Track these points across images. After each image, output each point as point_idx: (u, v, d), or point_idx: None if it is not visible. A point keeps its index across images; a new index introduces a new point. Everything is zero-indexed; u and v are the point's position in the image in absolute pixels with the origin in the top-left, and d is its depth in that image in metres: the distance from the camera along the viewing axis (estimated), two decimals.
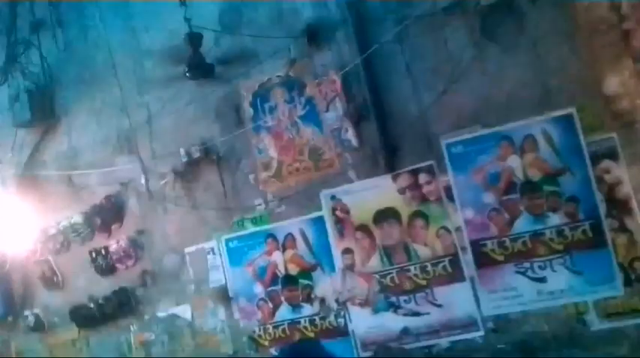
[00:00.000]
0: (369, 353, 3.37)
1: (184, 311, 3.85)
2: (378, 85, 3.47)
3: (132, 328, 4.04)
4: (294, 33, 3.63)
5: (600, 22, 3.07)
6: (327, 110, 3.57)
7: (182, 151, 3.81)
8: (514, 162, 3.13)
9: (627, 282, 2.96)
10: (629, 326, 2.95)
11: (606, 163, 3.03)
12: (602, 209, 2.99)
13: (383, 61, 3.47)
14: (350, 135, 3.47)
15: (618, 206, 3.00)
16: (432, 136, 3.33)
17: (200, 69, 3.66)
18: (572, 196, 3.03)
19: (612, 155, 3.00)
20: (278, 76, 3.69)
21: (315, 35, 3.60)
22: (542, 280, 3.06)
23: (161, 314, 3.94)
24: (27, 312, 4.36)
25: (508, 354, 3.10)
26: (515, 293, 3.10)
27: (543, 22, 3.17)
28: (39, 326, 4.32)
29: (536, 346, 3.08)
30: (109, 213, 4.11)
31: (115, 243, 4.08)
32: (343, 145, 3.51)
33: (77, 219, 4.18)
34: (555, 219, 3.05)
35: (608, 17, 3.07)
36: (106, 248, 4.09)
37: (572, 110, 3.06)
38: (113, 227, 4.12)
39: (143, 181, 3.93)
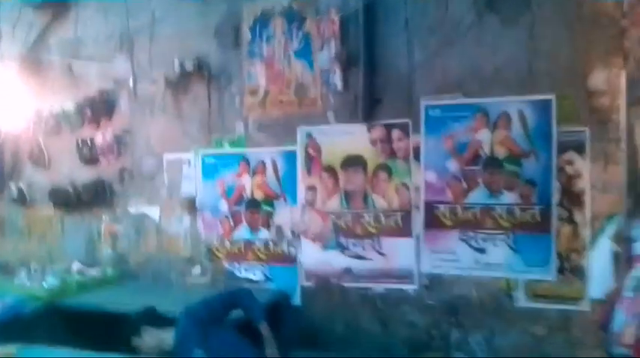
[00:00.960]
0: (310, 283, 3.62)
1: (154, 212, 4.08)
2: (374, 34, 3.48)
3: (103, 218, 4.29)
4: None
5: (603, 15, 3.04)
6: (322, 49, 3.60)
7: (176, 62, 3.88)
8: (484, 136, 3.21)
9: (561, 270, 3.12)
10: (552, 310, 3.14)
11: (571, 155, 3.10)
12: (556, 197, 3.10)
13: (384, 11, 3.46)
14: (337, 78, 3.51)
15: (571, 198, 3.10)
16: (414, 95, 3.38)
17: None
18: (530, 179, 3.13)
19: (579, 148, 3.07)
20: (281, 6, 3.73)
21: None
22: (482, 251, 3.22)
23: (132, 210, 4.18)
24: (12, 185, 4.64)
25: (434, 310, 3.33)
26: (454, 258, 3.28)
27: (547, 4, 3.15)
28: (21, 200, 4.60)
29: (460, 309, 3.29)
30: (100, 107, 4.25)
31: (102, 137, 4.25)
32: (329, 87, 3.56)
33: (70, 107, 4.32)
34: (509, 198, 3.17)
35: (612, 12, 3.02)
36: (92, 140, 4.28)
37: (551, 97, 3.11)
38: (102, 121, 4.27)
39: (131, 83, 4.06)
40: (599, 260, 3.03)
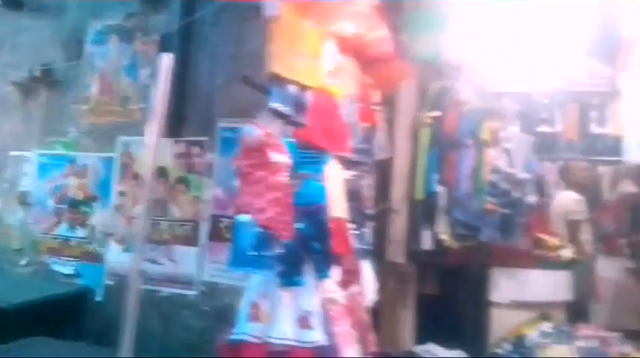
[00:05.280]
0: (112, 281, 3.90)
1: None
2: (189, 57, 3.81)
3: None
4: None
5: None
6: (145, 67, 3.94)
7: (26, 69, 4.27)
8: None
9: None
10: None
11: None
12: None
13: (200, 37, 3.80)
14: (151, 94, 3.84)
15: None
16: (214, 116, 3.71)
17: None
18: None
19: None
20: (118, 24, 4.07)
21: None
22: None
23: None
24: None
25: (208, 315, 3.58)
26: (228, 269, 3.55)
27: None
28: None
29: (229, 316, 3.54)
30: None
31: None
32: (147, 102, 3.90)
33: None
34: None
35: None
36: None
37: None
38: None
39: None
40: None
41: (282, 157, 1.88)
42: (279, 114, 1.91)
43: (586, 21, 2.27)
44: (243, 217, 1.91)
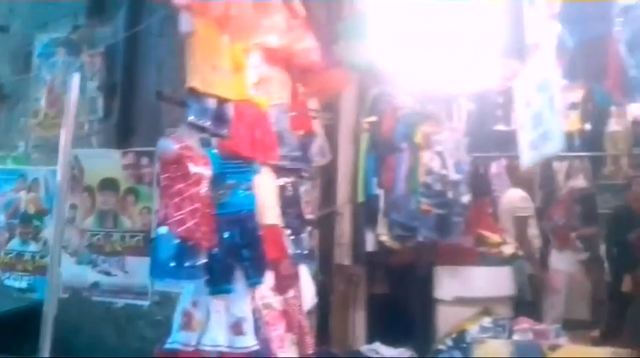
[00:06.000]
0: (66, 295, 3.88)
1: None
2: (135, 69, 3.84)
3: None
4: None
5: None
6: (92, 79, 3.95)
7: None
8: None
9: None
10: None
11: None
12: None
13: (146, 48, 3.83)
14: (99, 106, 3.87)
15: None
16: (162, 127, 3.73)
17: None
18: None
19: None
20: (65, 37, 4.07)
21: (99, 9, 3.94)
22: None
23: None
24: None
25: (161, 325, 3.59)
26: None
27: None
28: None
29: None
30: None
31: None
32: (95, 114, 3.92)
33: None
34: None
35: None
36: None
37: None
38: None
39: None
40: None
41: (201, 169, 1.93)
42: (197, 128, 1.96)
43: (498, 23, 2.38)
44: (163, 229, 1.96)
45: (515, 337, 2.94)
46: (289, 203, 2.71)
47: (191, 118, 1.93)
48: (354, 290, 3.63)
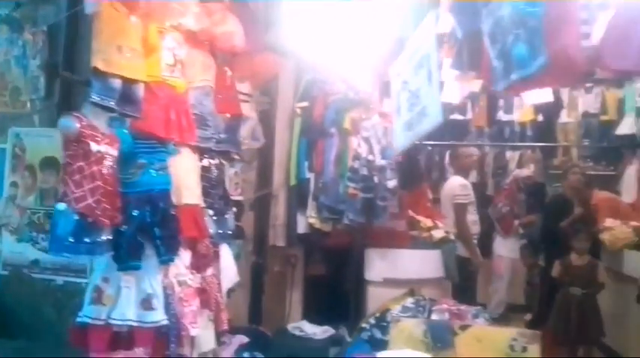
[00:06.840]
0: (6, 272, 3.93)
1: None
2: (77, 48, 3.82)
3: None
4: None
5: None
6: (34, 58, 3.93)
7: None
8: None
9: None
10: None
11: None
12: None
13: (87, 28, 3.81)
14: (41, 85, 3.86)
15: None
16: None
17: None
18: None
19: None
20: (7, 14, 4.03)
21: None
22: None
23: None
24: None
25: None
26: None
27: None
28: None
29: None
30: None
31: None
32: (37, 92, 3.91)
33: None
34: None
35: None
36: None
37: None
38: None
39: None
40: None
41: (105, 148, 1.98)
42: (101, 107, 2.00)
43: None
44: (62, 205, 2.01)
45: (434, 317, 3.08)
46: (213, 184, 2.78)
47: (94, 97, 1.98)
48: (292, 271, 3.73)
